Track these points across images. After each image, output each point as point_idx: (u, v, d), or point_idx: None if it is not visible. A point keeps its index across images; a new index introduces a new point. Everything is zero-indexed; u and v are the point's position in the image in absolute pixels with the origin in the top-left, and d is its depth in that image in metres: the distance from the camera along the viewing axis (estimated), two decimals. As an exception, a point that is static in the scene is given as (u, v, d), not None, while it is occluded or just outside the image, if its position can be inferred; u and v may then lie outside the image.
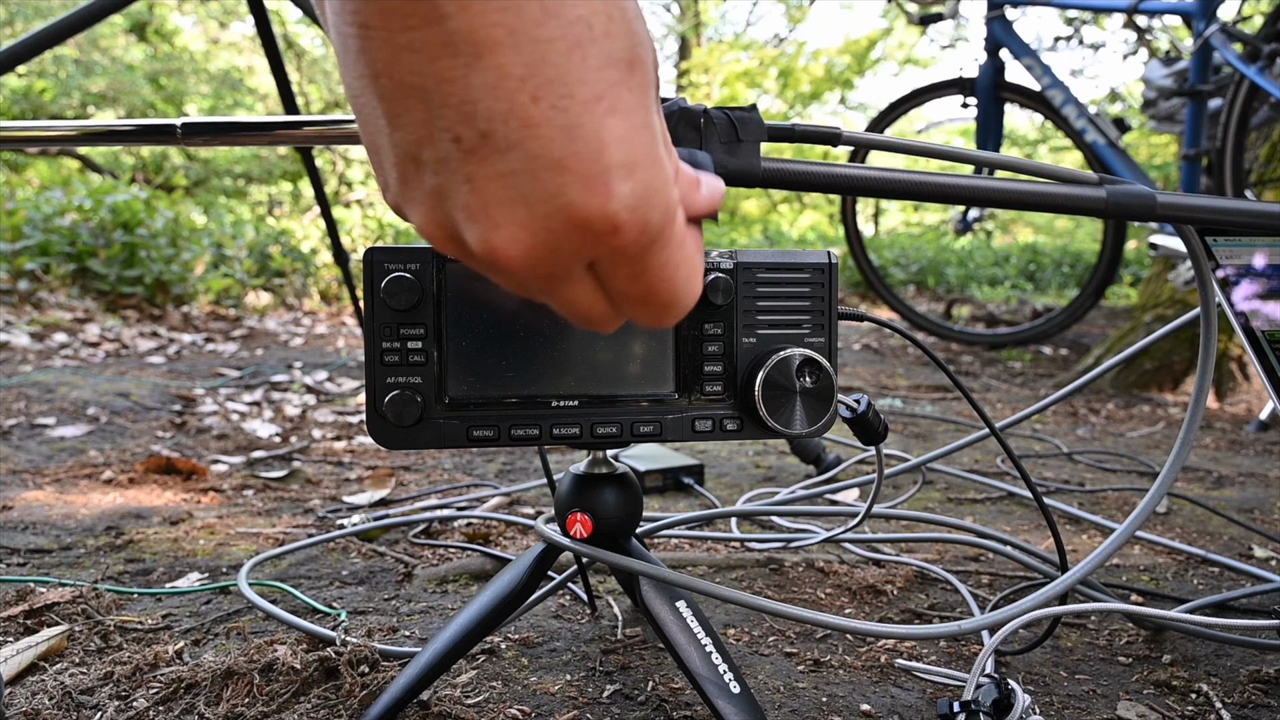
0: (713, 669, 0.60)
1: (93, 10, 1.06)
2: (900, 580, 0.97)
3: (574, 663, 0.78)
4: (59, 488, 1.36)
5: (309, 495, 1.35)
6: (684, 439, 0.58)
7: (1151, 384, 2.47)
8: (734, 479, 1.46)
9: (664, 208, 0.30)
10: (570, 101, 0.27)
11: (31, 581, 0.94)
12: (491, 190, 0.28)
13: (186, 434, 1.78)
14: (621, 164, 0.28)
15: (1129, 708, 0.71)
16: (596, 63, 0.27)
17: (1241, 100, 2.37)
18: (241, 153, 10.29)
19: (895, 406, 2.22)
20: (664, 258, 0.31)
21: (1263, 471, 1.61)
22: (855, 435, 0.66)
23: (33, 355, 2.64)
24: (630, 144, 0.28)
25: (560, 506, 0.64)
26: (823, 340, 0.58)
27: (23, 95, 8.60)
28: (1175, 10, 2.69)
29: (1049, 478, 1.51)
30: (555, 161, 0.27)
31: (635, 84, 0.28)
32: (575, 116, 0.27)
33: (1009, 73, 3.12)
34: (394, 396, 0.54)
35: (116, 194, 4.28)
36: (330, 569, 1.02)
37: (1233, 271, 0.66)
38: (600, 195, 0.28)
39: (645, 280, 0.31)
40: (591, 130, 0.27)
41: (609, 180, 0.28)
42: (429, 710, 0.68)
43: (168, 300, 3.97)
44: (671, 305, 0.33)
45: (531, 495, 1.34)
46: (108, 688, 0.72)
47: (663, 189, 0.29)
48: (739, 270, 0.57)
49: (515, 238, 0.29)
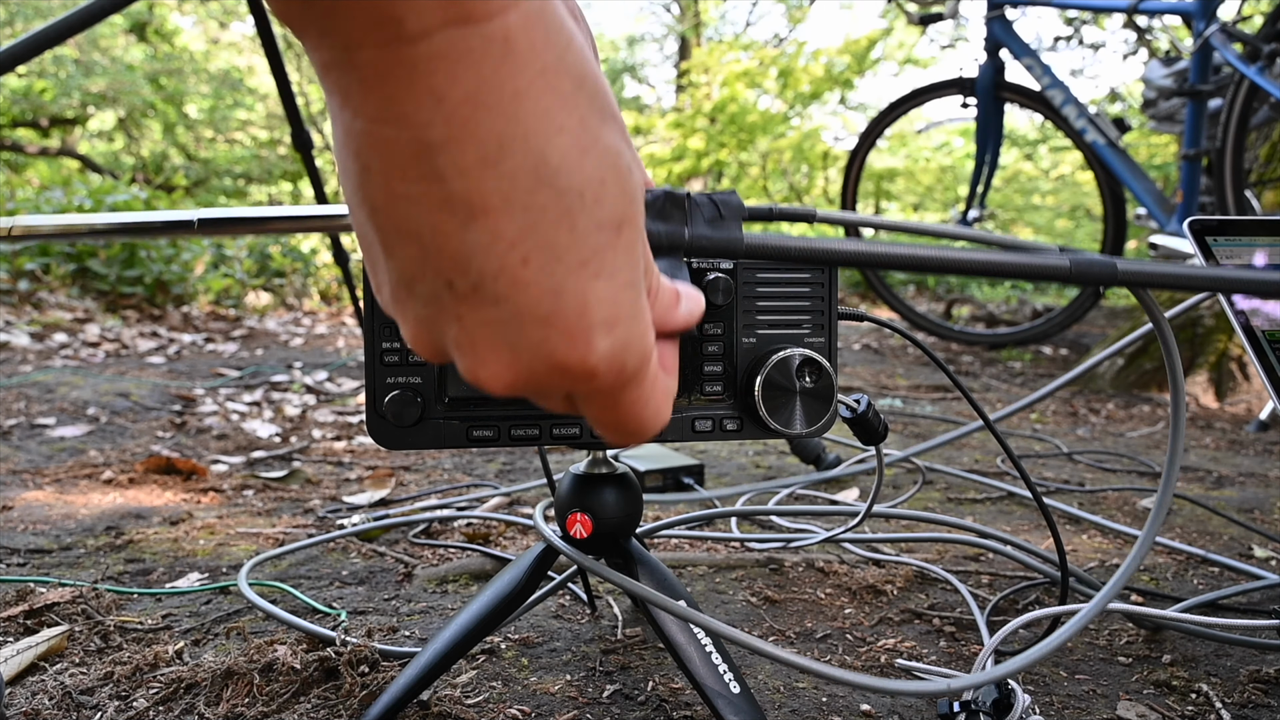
0: (712, 669, 0.60)
1: (93, 10, 1.06)
2: (900, 580, 0.97)
3: (574, 663, 0.78)
4: (59, 488, 1.36)
5: (309, 495, 1.35)
6: (684, 439, 0.58)
7: (1151, 384, 2.47)
8: (734, 479, 1.46)
9: (640, 354, 0.32)
10: (558, 266, 0.28)
11: (31, 581, 0.94)
12: (480, 333, 0.30)
13: (186, 434, 1.78)
14: (603, 321, 0.30)
15: (1129, 708, 0.71)
16: (585, 229, 0.29)
17: (1241, 100, 2.37)
18: (241, 152, 10.29)
19: (895, 406, 2.22)
20: (635, 395, 0.33)
21: (1263, 471, 1.61)
22: (855, 435, 0.66)
23: (33, 355, 2.64)
24: (613, 303, 0.30)
25: (560, 506, 0.64)
26: (823, 340, 0.58)
27: (23, 95, 8.60)
28: (1175, 10, 2.69)
29: (1049, 478, 1.51)
30: (541, 317, 0.29)
31: (622, 244, 0.30)
32: (561, 280, 0.29)
33: (1009, 73, 3.12)
34: (394, 396, 0.54)
35: (116, 194, 4.28)
36: (330, 569, 1.02)
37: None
38: (582, 349, 0.30)
39: (616, 413, 0.34)
40: (577, 292, 0.29)
41: (591, 336, 0.30)
42: (429, 710, 0.68)
43: (168, 300, 3.97)
44: (638, 434, 0.35)
45: (531, 495, 1.34)
46: (108, 688, 0.72)
47: (640, 338, 0.32)
48: (739, 270, 0.57)
49: (499, 374, 0.31)
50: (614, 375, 0.32)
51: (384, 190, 0.28)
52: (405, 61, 0.25)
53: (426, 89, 0.26)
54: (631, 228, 0.30)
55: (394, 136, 0.26)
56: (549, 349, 0.30)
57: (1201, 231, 0.72)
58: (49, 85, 8.59)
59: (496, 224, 0.27)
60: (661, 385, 0.35)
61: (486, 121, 0.26)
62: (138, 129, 9.94)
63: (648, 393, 0.34)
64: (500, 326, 0.29)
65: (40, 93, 8.69)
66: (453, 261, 0.28)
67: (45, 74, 8.51)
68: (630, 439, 0.36)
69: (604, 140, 0.29)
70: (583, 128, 0.28)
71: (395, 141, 0.26)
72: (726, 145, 8.15)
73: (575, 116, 0.28)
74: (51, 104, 8.63)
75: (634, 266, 0.31)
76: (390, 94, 0.26)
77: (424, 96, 0.26)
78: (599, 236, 0.29)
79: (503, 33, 0.25)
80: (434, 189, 0.27)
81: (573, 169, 0.28)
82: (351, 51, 0.26)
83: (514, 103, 0.26)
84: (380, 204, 0.28)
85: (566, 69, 0.27)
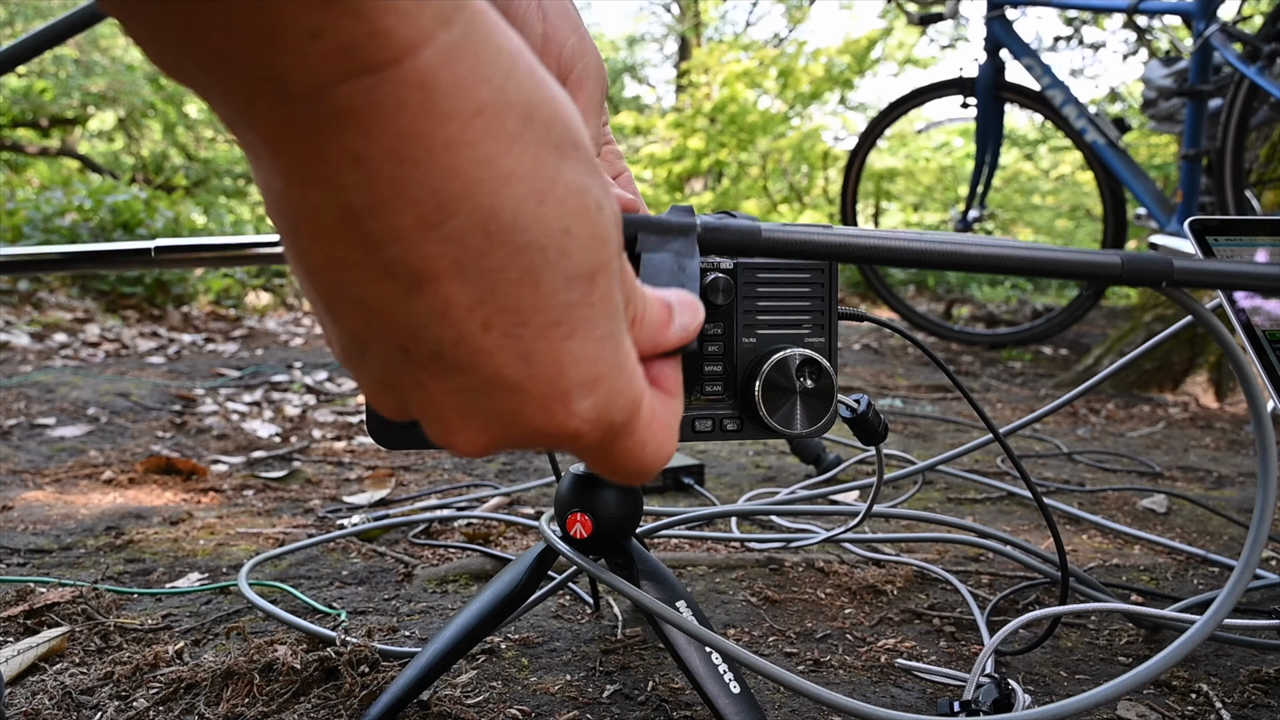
0: (713, 669, 0.60)
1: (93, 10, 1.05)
2: (900, 580, 0.97)
3: (574, 663, 0.78)
4: (59, 488, 1.36)
5: (309, 495, 1.35)
6: (684, 439, 0.58)
7: (1151, 384, 2.47)
8: (734, 479, 1.46)
9: (627, 405, 0.29)
10: (525, 329, 0.25)
11: (31, 581, 0.94)
12: (446, 401, 0.27)
13: (186, 434, 1.78)
14: (581, 383, 0.27)
15: (1129, 708, 0.71)
16: (553, 286, 0.25)
17: (1241, 100, 2.37)
18: (241, 151, 10.28)
19: (895, 406, 2.22)
20: (629, 443, 0.30)
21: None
22: (855, 435, 0.66)
23: (33, 355, 2.64)
24: (591, 362, 0.27)
25: (560, 507, 0.64)
26: (823, 340, 0.58)
27: (23, 95, 8.60)
28: (1175, 10, 2.69)
29: (1049, 478, 1.51)
30: (512, 385, 0.26)
31: (597, 297, 0.26)
32: (530, 344, 0.25)
33: (1009, 73, 3.12)
34: (394, 396, 0.54)
35: (117, 194, 4.28)
36: (330, 569, 1.02)
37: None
38: (560, 416, 0.27)
39: (612, 463, 0.31)
40: (548, 355, 0.26)
41: (569, 401, 0.27)
42: (429, 710, 0.68)
43: (168, 300, 3.97)
44: (642, 475, 0.32)
45: (531, 495, 1.34)
46: (108, 688, 0.72)
47: (625, 389, 0.28)
48: (739, 270, 0.57)
49: (473, 441, 0.28)
50: (600, 433, 0.29)
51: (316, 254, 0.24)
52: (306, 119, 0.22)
53: (339, 149, 0.22)
54: (607, 274, 0.27)
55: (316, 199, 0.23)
56: (524, 417, 0.27)
57: (1202, 231, 0.72)
58: (49, 85, 8.60)
59: (448, 291, 0.24)
60: (660, 421, 0.31)
61: (417, 179, 0.22)
62: (138, 129, 9.95)
63: (643, 437, 0.30)
64: (468, 394, 0.26)
65: (40, 93, 8.69)
66: (404, 330, 0.25)
67: (45, 74, 8.51)
68: (634, 480, 0.32)
69: (564, 180, 0.25)
70: (536, 171, 0.24)
71: (319, 205, 0.23)
72: (726, 145, 8.15)
73: (526, 159, 0.24)
74: (51, 104, 8.63)
75: (612, 316, 0.27)
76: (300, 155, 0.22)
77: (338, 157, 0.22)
78: (569, 293, 0.26)
79: (417, 76, 0.22)
80: (371, 255, 0.23)
81: (530, 222, 0.24)
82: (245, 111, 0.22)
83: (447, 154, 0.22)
84: (315, 268, 0.25)
85: (510, 103, 0.23)
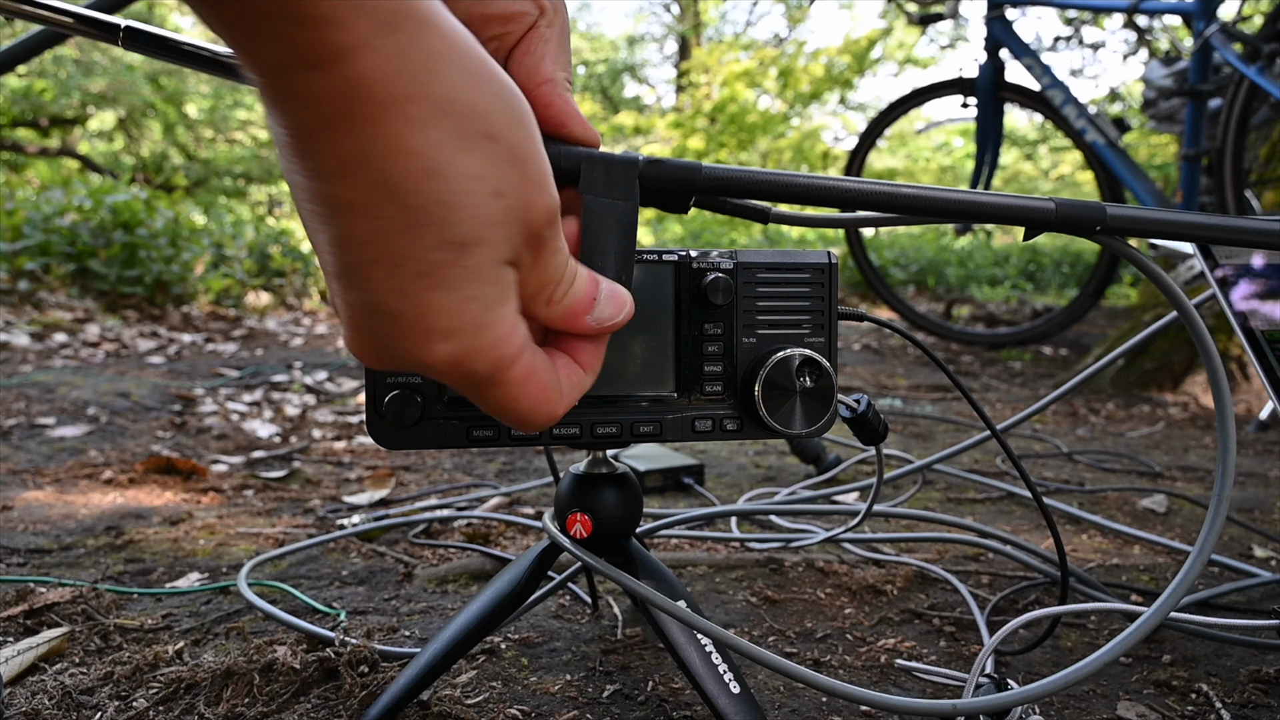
0: (712, 669, 0.60)
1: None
2: (900, 580, 0.97)
3: (574, 663, 0.78)
4: (59, 488, 1.36)
5: (309, 495, 1.35)
6: (684, 439, 0.58)
7: (1151, 384, 2.47)
8: (734, 479, 1.46)
9: (490, 361, 0.35)
10: (399, 271, 0.32)
11: (31, 581, 0.94)
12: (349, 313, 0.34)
13: (186, 434, 1.78)
14: (442, 330, 0.33)
15: (1129, 708, 0.71)
16: (427, 244, 0.32)
17: (1241, 100, 2.37)
18: (241, 152, 10.29)
19: (895, 406, 2.22)
20: (499, 393, 0.36)
21: (1263, 471, 1.61)
22: (855, 435, 0.66)
23: (33, 355, 2.64)
24: (452, 314, 0.33)
25: (560, 506, 0.64)
26: (823, 340, 0.58)
27: (23, 95, 8.60)
28: (1175, 10, 2.69)
29: (1049, 478, 1.51)
30: (388, 314, 0.33)
31: (472, 263, 0.33)
32: (403, 282, 0.32)
33: (1009, 73, 3.12)
34: (394, 396, 0.54)
35: (116, 194, 4.28)
36: (330, 569, 1.02)
37: (1231, 271, 0.66)
38: (420, 349, 0.34)
39: (486, 405, 0.37)
40: (417, 297, 0.32)
41: (430, 340, 0.33)
42: (429, 710, 0.68)
43: (168, 300, 3.97)
44: (521, 424, 0.38)
45: (531, 495, 1.34)
46: (108, 688, 0.72)
47: (488, 349, 0.35)
48: (739, 270, 0.57)
49: (363, 352, 0.35)
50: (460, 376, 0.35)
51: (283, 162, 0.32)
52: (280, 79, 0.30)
53: (295, 103, 0.30)
54: (486, 247, 0.33)
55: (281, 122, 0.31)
56: (395, 342, 0.34)
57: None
58: (49, 85, 8.59)
59: (351, 224, 0.31)
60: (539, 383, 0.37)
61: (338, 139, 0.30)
62: (138, 129, 9.95)
63: (514, 392, 0.37)
64: (361, 311, 0.34)
65: (40, 93, 8.69)
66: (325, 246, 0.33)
67: (45, 74, 8.51)
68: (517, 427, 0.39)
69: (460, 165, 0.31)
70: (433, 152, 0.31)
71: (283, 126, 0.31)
72: (726, 145, 8.15)
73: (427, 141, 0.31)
74: (51, 104, 8.63)
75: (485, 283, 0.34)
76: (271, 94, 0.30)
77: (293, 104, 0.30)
78: (441, 253, 0.32)
79: (352, 71, 0.29)
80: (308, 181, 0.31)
81: (417, 189, 0.31)
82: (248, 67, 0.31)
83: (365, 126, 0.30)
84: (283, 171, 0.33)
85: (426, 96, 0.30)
